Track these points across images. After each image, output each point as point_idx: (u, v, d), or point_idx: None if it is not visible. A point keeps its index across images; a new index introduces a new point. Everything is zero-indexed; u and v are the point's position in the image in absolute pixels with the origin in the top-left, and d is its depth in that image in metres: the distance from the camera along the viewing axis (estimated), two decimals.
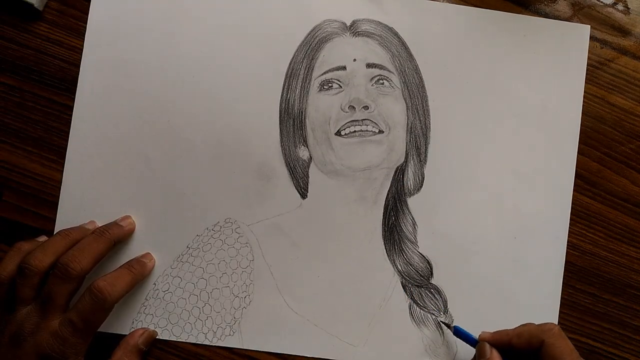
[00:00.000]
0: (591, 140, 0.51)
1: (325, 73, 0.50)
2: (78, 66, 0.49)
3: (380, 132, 0.49)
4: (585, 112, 0.50)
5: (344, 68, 0.49)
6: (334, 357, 0.48)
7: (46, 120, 0.49)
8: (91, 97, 0.49)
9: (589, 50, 0.51)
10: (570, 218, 0.50)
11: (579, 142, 0.50)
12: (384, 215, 0.49)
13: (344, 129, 0.49)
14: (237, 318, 0.48)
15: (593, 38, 0.51)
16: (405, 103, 0.50)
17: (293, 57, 0.50)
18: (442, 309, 0.49)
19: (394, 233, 0.49)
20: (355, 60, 0.50)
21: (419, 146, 0.50)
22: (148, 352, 0.47)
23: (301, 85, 0.50)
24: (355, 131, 0.49)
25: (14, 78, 0.49)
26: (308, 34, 0.50)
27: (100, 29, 0.49)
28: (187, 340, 0.48)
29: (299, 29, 0.50)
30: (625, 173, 0.51)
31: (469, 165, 0.50)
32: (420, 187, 0.50)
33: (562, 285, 0.49)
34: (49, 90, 0.49)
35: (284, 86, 0.50)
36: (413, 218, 0.49)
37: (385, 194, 0.50)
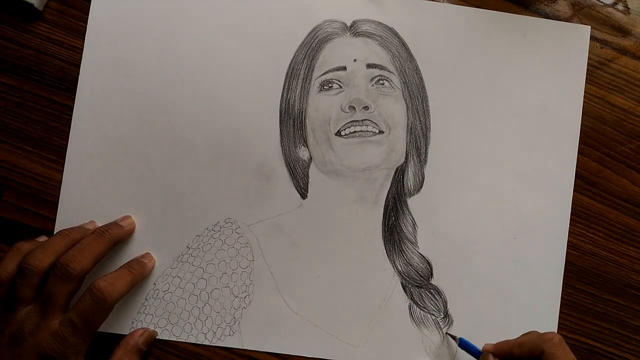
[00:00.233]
0: (591, 140, 0.51)
1: (325, 73, 0.50)
2: (78, 66, 0.49)
3: (381, 132, 0.49)
4: (585, 112, 0.50)
5: (344, 68, 0.49)
6: (333, 357, 0.48)
7: (46, 120, 0.49)
8: (91, 97, 0.49)
9: (589, 50, 0.51)
10: (570, 218, 0.50)
11: (579, 142, 0.50)
12: (384, 216, 0.49)
13: (344, 129, 0.49)
14: (237, 318, 0.48)
15: (593, 38, 0.51)
16: (406, 103, 0.50)
17: (293, 57, 0.50)
18: (442, 310, 0.49)
19: (394, 233, 0.49)
20: (355, 60, 0.50)
21: (419, 146, 0.50)
22: (148, 352, 0.47)
23: (301, 85, 0.50)
24: (355, 131, 0.49)
25: (14, 78, 0.49)
26: (308, 34, 0.50)
27: (100, 29, 0.49)
28: (187, 340, 0.48)
29: (299, 29, 0.50)
30: (625, 173, 0.51)
31: (469, 165, 0.50)
32: (420, 187, 0.50)
33: (562, 285, 0.49)
34: (49, 90, 0.49)
35: (284, 86, 0.50)
36: (413, 218, 0.49)
37: (385, 194, 0.50)
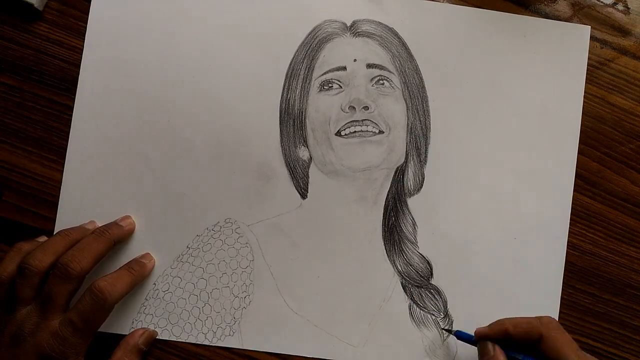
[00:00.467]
0: (591, 140, 0.51)
1: (325, 73, 0.50)
2: (78, 66, 0.49)
3: (381, 132, 0.49)
4: (585, 112, 0.50)
5: (344, 68, 0.49)
6: (333, 357, 0.48)
7: (46, 120, 0.49)
8: (91, 97, 0.49)
9: (589, 50, 0.51)
10: (570, 218, 0.50)
11: (579, 142, 0.50)
12: (384, 216, 0.49)
13: (344, 129, 0.49)
14: (237, 318, 0.48)
15: (593, 38, 0.51)
16: (406, 103, 0.50)
17: (293, 57, 0.50)
18: (442, 310, 0.49)
19: (394, 233, 0.49)
20: (355, 60, 0.50)
21: (419, 146, 0.50)
22: (148, 352, 0.47)
23: (301, 85, 0.49)
24: (355, 131, 0.49)
25: (14, 78, 0.49)
26: (308, 34, 0.50)
27: (100, 29, 0.49)
28: (187, 340, 0.48)
29: (299, 29, 0.50)
30: (625, 173, 0.51)
31: (469, 165, 0.50)
32: (420, 187, 0.50)
33: (562, 285, 0.49)
34: (49, 90, 0.49)
35: (284, 86, 0.50)
36: (413, 218, 0.49)
37: (385, 194, 0.49)
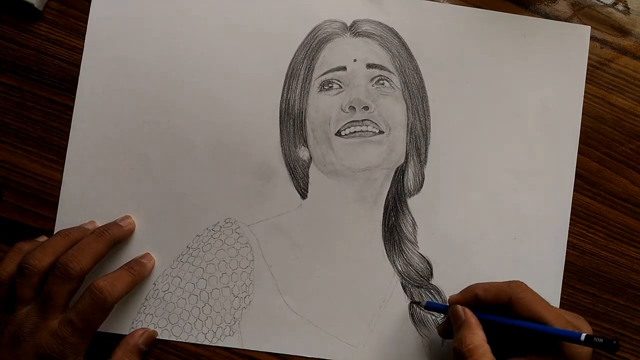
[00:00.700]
0: (591, 140, 0.51)
1: (325, 73, 0.50)
2: (78, 66, 0.49)
3: (381, 132, 0.49)
4: (585, 112, 0.50)
5: (344, 68, 0.49)
6: (333, 357, 0.48)
7: (46, 120, 0.49)
8: (91, 97, 0.49)
9: (589, 50, 0.51)
10: (570, 218, 0.50)
11: (579, 142, 0.50)
12: (384, 216, 0.49)
13: (344, 130, 0.49)
14: (237, 318, 0.48)
15: (593, 38, 0.51)
16: (406, 103, 0.50)
17: (293, 57, 0.50)
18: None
19: (394, 233, 0.49)
20: (355, 60, 0.50)
21: (419, 146, 0.50)
22: (148, 352, 0.47)
23: (301, 85, 0.50)
24: (355, 131, 0.49)
25: (14, 78, 0.49)
26: (308, 34, 0.50)
27: (100, 29, 0.49)
28: (187, 340, 0.48)
29: (299, 29, 0.50)
30: (625, 173, 0.51)
31: (469, 165, 0.50)
32: (420, 187, 0.50)
33: (562, 285, 0.49)
34: (49, 90, 0.49)
35: (284, 86, 0.50)
36: (413, 218, 0.49)
37: (385, 194, 0.49)
